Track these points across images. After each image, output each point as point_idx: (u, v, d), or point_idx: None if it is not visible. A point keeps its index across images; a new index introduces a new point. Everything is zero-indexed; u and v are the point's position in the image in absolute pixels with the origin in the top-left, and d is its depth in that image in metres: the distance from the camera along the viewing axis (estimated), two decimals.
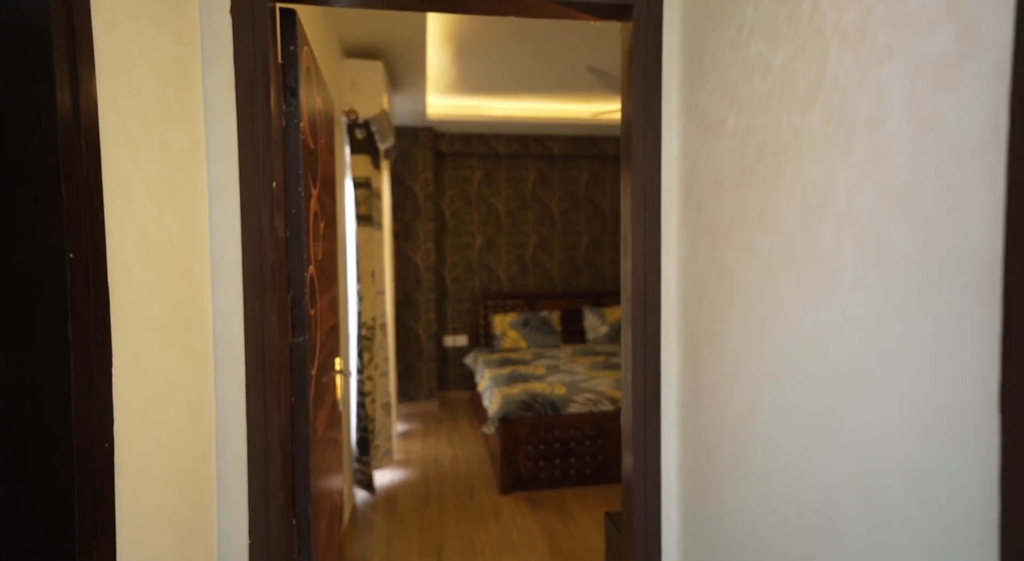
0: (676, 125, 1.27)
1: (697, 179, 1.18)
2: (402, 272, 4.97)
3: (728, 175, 1.05)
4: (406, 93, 3.95)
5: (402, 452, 4.00)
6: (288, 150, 1.28)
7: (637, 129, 1.27)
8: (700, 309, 1.18)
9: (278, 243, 1.20)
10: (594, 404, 3.47)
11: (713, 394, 1.13)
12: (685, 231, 1.24)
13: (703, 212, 1.16)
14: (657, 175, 1.28)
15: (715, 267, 1.11)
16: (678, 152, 1.27)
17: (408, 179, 4.95)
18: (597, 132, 5.14)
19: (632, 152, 1.27)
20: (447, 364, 5.35)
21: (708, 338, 1.15)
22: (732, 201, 1.04)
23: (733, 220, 1.04)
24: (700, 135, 1.16)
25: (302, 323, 1.33)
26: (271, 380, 1.18)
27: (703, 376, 1.17)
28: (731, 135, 1.04)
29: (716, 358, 1.11)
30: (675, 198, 1.28)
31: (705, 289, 1.16)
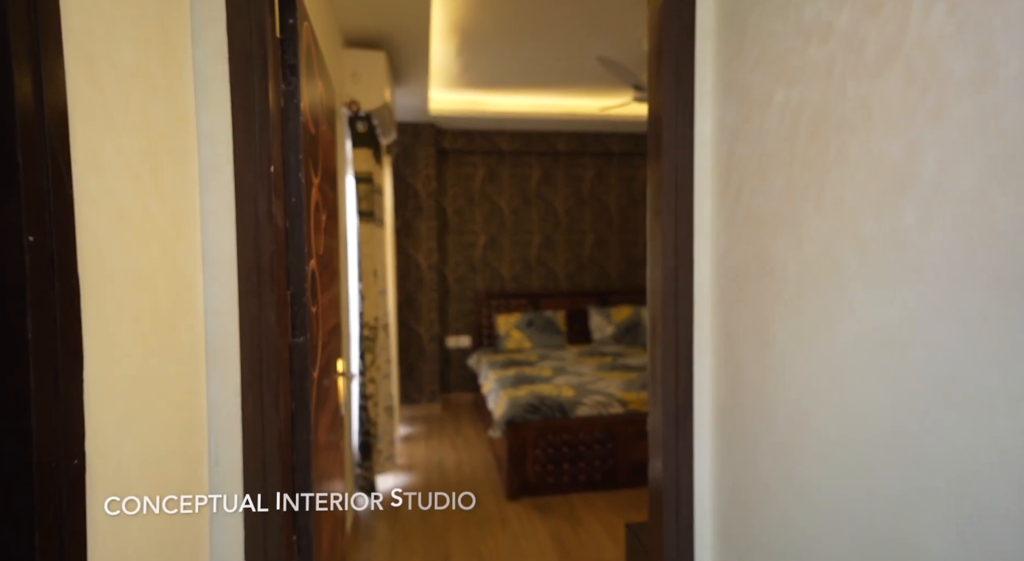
0: (710, 105, 1.17)
1: (736, 162, 1.08)
2: (404, 271, 4.86)
3: (775, 156, 0.95)
4: (408, 87, 3.85)
5: (405, 456, 3.90)
6: (287, 133, 1.18)
7: (667, 109, 1.16)
8: (739, 305, 1.08)
9: (277, 234, 1.10)
10: (603, 406, 3.36)
11: (756, 398, 1.03)
12: (721, 220, 1.14)
13: (743, 198, 1.05)
14: (689, 160, 1.18)
15: (758, 259, 1.01)
16: (712, 134, 1.16)
17: (410, 176, 4.85)
18: (603, 128, 5.04)
19: (662, 135, 1.17)
20: (450, 366, 5.24)
21: (749, 337, 1.04)
22: (779, 185, 0.94)
23: (781, 206, 0.94)
24: (740, 114, 1.06)
25: (303, 322, 1.23)
26: (269, 384, 1.08)
27: (743, 378, 1.07)
28: (779, 111, 0.94)
29: (759, 358, 1.01)
30: (709, 184, 1.18)
31: (745, 283, 1.05)
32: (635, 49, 3.41)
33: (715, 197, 1.16)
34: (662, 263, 1.19)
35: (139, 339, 0.77)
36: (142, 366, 0.78)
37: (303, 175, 1.21)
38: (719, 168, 1.14)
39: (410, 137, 4.82)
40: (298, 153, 1.19)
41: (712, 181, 1.17)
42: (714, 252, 1.17)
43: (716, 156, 1.15)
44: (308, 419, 1.23)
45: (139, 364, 0.77)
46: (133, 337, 0.76)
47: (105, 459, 0.69)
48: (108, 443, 0.69)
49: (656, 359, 1.24)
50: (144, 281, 0.80)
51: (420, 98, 4.13)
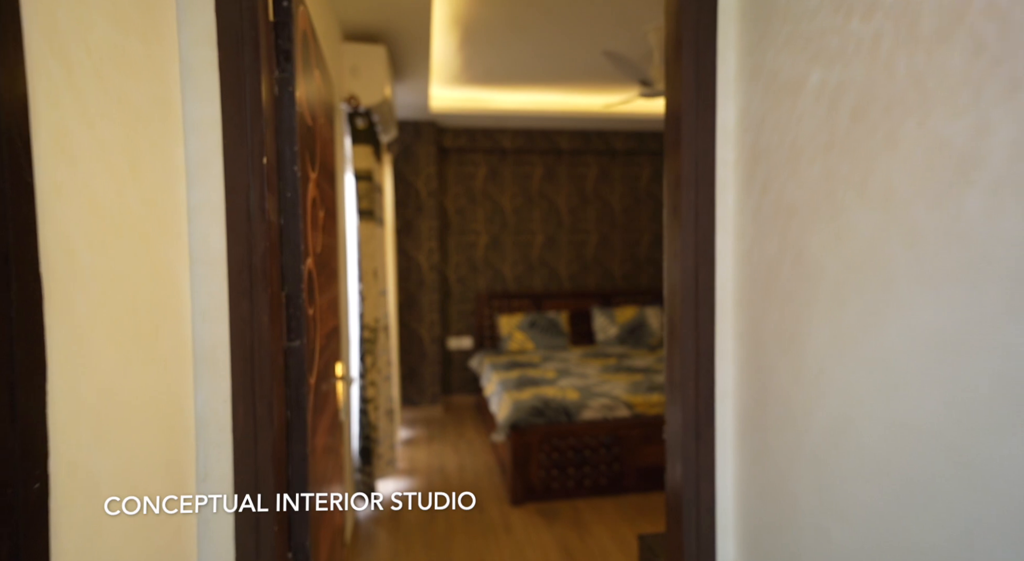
0: (733, 92, 1.09)
1: (763, 151, 1.00)
2: (404, 272, 4.79)
3: (809, 144, 0.88)
4: (409, 83, 3.77)
5: (406, 460, 3.82)
6: (281, 123, 1.10)
7: (687, 97, 1.09)
8: (767, 305, 1.00)
9: (270, 230, 1.02)
10: (609, 410, 3.29)
11: (785, 406, 0.95)
12: (745, 215, 1.06)
13: (772, 190, 0.98)
14: (711, 150, 1.10)
15: (789, 255, 0.93)
16: (736, 123, 1.09)
17: (410, 175, 4.77)
18: (606, 126, 4.97)
19: (681, 125, 1.10)
20: (451, 367, 5.17)
21: (778, 339, 0.97)
22: (815, 174, 0.87)
23: (817, 197, 0.86)
24: (768, 99, 0.99)
25: (299, 325, 1.15)
26: (262, 391, 1.00)
27: (770, 384, 0.99)
28: (814, 95, 0.86)
29: (790, 363, 0.94)
30: (731, 177, 1.11)
31: (774, 281, 0.98)
32: (641, 43, 3.34)
33: (738, 190, 1.09)
34: (681, 262, 1.12)
35: (115, 345, 0.70)
36: (119, 375, 0.71)
37: (299, 169, 1.13)
38: (743, 159, 1.07)
39: (411, 135, 4.75)
40: (293, 145, 1.12)
41: (735, 173, 1.10)
42: (737, 249, 1.10)
43: (740, 147, 1.08)
44: (304, 428, 1.15)
45: (116, 373, 0.70)
46: (108, 343, 0.68)
47: (74, 481, 0.61)
48: (77, 462, 0.62)
49: (674, 364, 1.16)
50: (122, 281, 0.72)
51: (421, 95, 4.06)
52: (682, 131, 1.10)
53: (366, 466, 2.98)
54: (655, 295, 5.37)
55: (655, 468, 3.29)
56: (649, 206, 5.36)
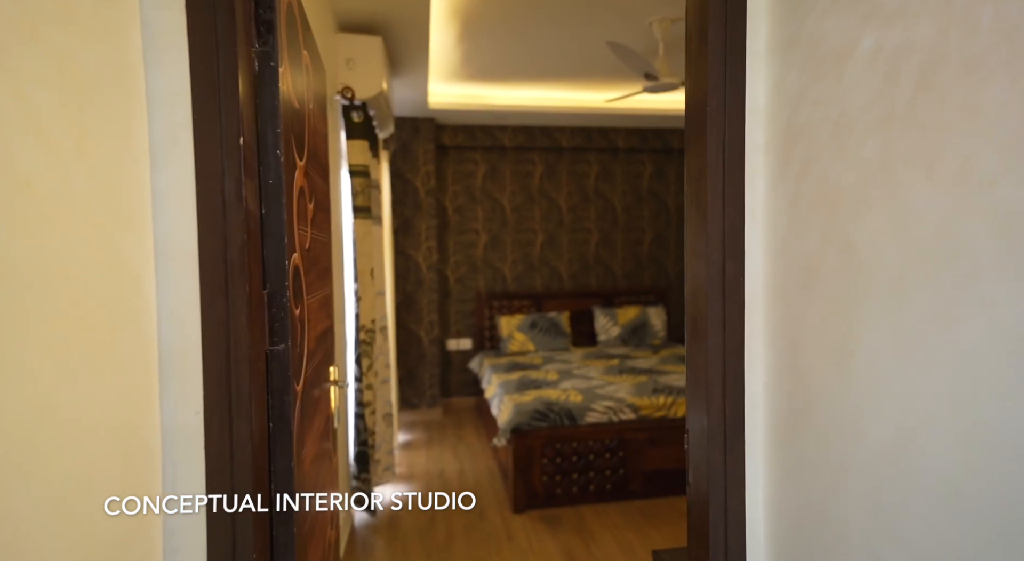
0: (764, 66, 0.99)
1: (801, 131, 0.90)
2: (402, 271, 4.68)
3: (861, 118, 0.77)
4: (406, 78, 3.66)
5: (404, 466, 3.71)
6: (263, 101, 0.99)
7: (714, 73, 0.98)
8: (806, 303, 0.89)
9: (249, 220, 0.91)
10: (614, 413, 3.18)
11: (830, 415, 0.84)
12: (780, 201, 0.96)
13: (812, 173, 0.87)
14: (740, 131, 0.99)
15: (834, 245, 0.83)
16: (767, 100, 0.98)
17: (408, 173, 4.66)
18: (608, 123, 4.86)
19: (707, 105, 0.99)
20: (450, 369, 5.05)
21: (820, 341, 0.86)
22: (868, 153, 0.76)
23: (870, 178, 0.76)
24: (808, 71, 0.88)
25: (283, 326, 1.04)
26: (240, 401, 0.89)
27: (812, 391, 0.88)
28: (867, 62, 0.76)
29: (836, 367, 0.83)
30: (762, 161, 1.00)
31: (815, 276, 0.87)
32: (646, 36, 3.24)
33: (770, 176, 0.98)
34: (707, 256, 1.01)
35: (54, 352, 0.59)
36: (59, 387, 0.60)
37: (282, 153, 1.02)
38: (776, 141, 0.96)
39: (408, 132, 4.64)
40: (276, 127, 1.01)
41: (766, 157, 0.99)
42: (769, 241, 0.99)
43: (772, 127, 0.97)
44: (290, 441, 1.04)
45: (54, 384, 0.59)
46: (43, 350, 0.57)
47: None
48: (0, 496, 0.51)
49: (698, 367, 1.05)
50: (66, 277, 0.61)
51: (419, 91, 3.95)
52: (709, 111, 0.99)
53: (363, 473, 2.87)
54: (657, 294, 5.27)
55: (661, 473, 3.18)
56: (651, 205, 5.26)
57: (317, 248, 1.46)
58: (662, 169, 5.26)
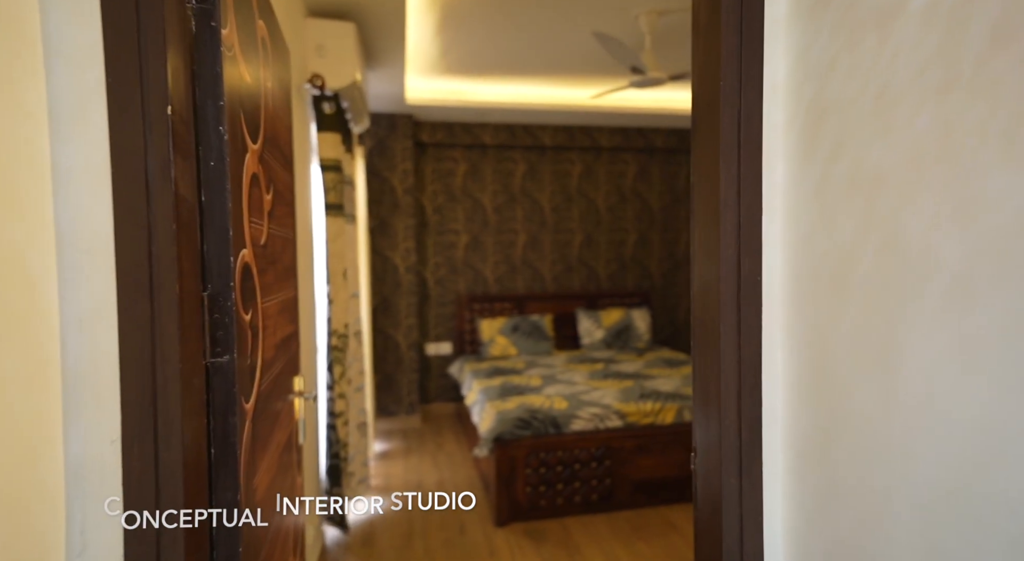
0: (785, 34, 0.87)
1: (832, 107, 0.78)
2: (379, 273, 4.50)
3: (912, 87, 0.65)
4: (382, 70, 3.50)
5: (380, 477, 3.53)
6: (202, 68, 0.84)
7: (728, 43, 0.86)
8: (837, 306, 0.77)
9: (181, 207, 0.76)
10: (600, 420, 3.06)
11: (869, 436, 0.72)
12: (804, 189, 0.84)
13: (846, 155, 0.75)
14: (758, 109, 0.87)
15: (875, 238, 0.71)
16: (788, 74, 0.86)
17: (385, 171, 4.49)
18: (591, 121, 4.76)
19: (721, 78, 0.86)
20: (429, 374, 4.89)
21: (856, 349, 0.74)
22: (923, 128, 0.64)
23: (925, 159, 0.64)
24: (840, 37, 0.76)
25: (228, 334, 0.88)
26: (169, 425, 0.74)
27: (845, 408, 0.76)
28: (920, 19, 0.64)
29: (878, 382, 0.71)
30: (781, 143, 0.88)
31: (849, 275, 0.75)
32: (631, 29, 3.13)
33: (792, 160, 0.86)
34: (719, 253, 0.88)
35: None
36: None
37: (227, 132, 0.87)
38: (799, 120, 0.84)
39: (385, 129, 4.47)
40: (218, 98, 0.85)
41: (787, 139, 0.87)
42: (790, 235, 0.87)
43: (794, 104, 0.85)
44: (235, 469, 0.88)
45: None
46: None
47: None
48: None
49: (708, 379, 0.93)
50: None
51: (396, 84, 3.79)
52: (723, 87, 0.86)
53: (335, 487, 2.69)
54: (641, 296, 5.18)
55: (649, 482, 3.07)
56: (635, 205, 5.17)
57: (276, 245, 1.30)
58: (645, 169, 5.18)
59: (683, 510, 3.03)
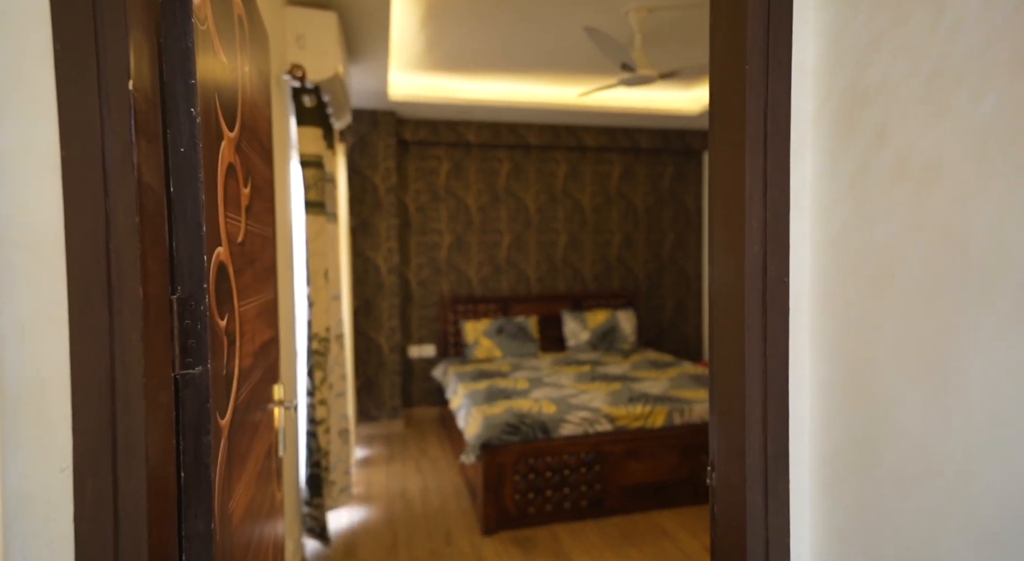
0: (815, 13, 0.80)
1: (873, 91, 0.71)
2: (361, 274, 4.38)
3: (976, 65, 0.59)
4: (365, 65, 3.39)
5: (362, 484, 3.41)
6: (170, 40, 0.74)
7: (754, 23, 0.79)
8: (879, 310, 0.71)
9: (145, 198, 0.66)
10: (590, 424, 2.99)
11: (918, 452, 0.66)
12: (838, 183, 0.77)
13: (891, 145, 0.69)
14: (786, 96, 0.81)
15: (926, 236, 0.64)
16: (819, 57, 0.80)
17: (367, 169, 4.37)
18: (577, 120, 4.71)
19: (748, 64, 0.80)
20: (412, 377, 4.78)
21: (903, 357, 0.68)
22: (989, 111, 0.58)
23: (991, 144, 0.57)
24: (883, 14, 0.70)
25: (201, 342, 0.78)
26: (130, 449, 0.64)
27: (889, 422, 0.70)
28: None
29: (929, 395, 0.64)
30: (810, 132, 0.81)
31: (894, 276, 0.69)
32: (621, 25, 3.08)
33: (824, 151, 0.80)
34: (743, 252, 0.82)
35: None
36: None
37: (199, 114, 0.77)
38: (832, 106, 0.78)
39: (367, 126, 4.34)
40: (189, 76, 0.75)
41: (817, 128, 0.81)
42: (822, 232, 0.80)
43: (826, 90, 0.79)
44: (209, 494, 0.78)
45: None
46: None
47: None
48: None
49: (730, 390, 0.86)
50: None
51: (379, 80, 3.67)
52: (749, 72, 0.79)
53: (315, 498, 2.57)
54: (626, 298, 5.14)
55: (640, 487, 3.01)
56: (620, 206, 5.13)
57: (255, 243, 1.20)
58: (630, 169, 5.15)
59: (673, 515, 2.98)
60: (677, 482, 3.06)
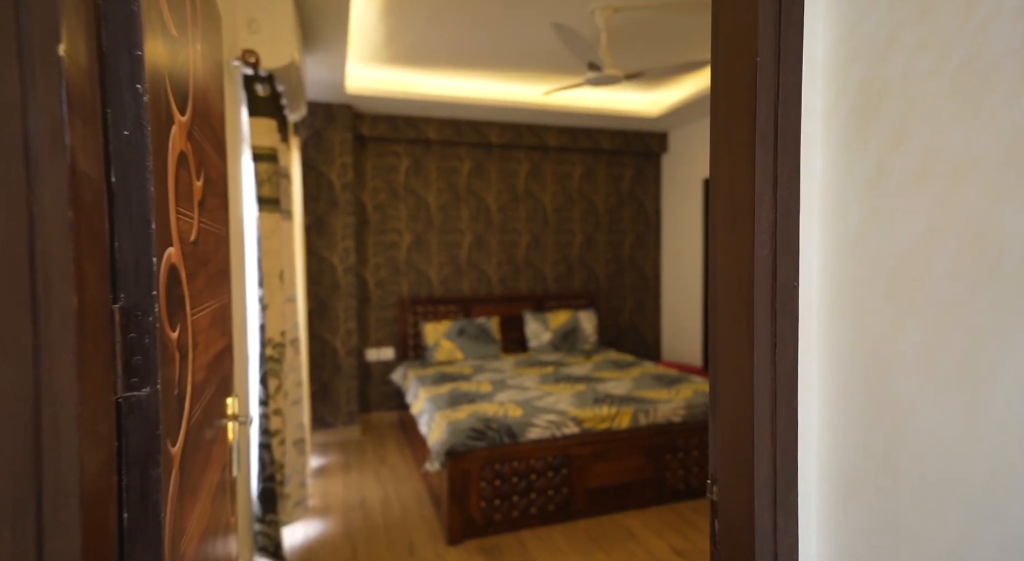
0: (826, 7, 0.77)
1: (893, 87, 0.68)
2: (315, 275, 4.19)
3: (1015, 59, 0.56)
4: (321, 55, 3.23)
5: (318, 496, 3.25)
6: (111, 2, 0.62)
7: (765, 11, 0.75)
8: (899, 315, 0.68)
9: (81, 187, 0.55)
10: (557, 427, 2.95)
11: (939, 462, 0.63)
12: (852, 182, 0.74)
13: (913, 143, 0.66)
14: (796, 90, 0.77)
15: (954, 238, 0.61)
16: (831, 51, 0.76)
17: (322, 164, 4.18)
18: (539, 120, 4.67)
19: (759, 54, 0.75)
20: (370, 382, 4.62)
21: (928, 364, 0.65)
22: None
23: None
24: (903, 6, 0.66)
25: (149, 358, 0.67)
26: (59, 492, 0.53)
27: (907, 429, 0.67)
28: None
29: (956, 405, 0.61)
30: (820, 129, 0.78)
31: (917, 280, 0.66)
32: (587, 24, 3.05)
33: (837, 149, 0.76)
34: (755, 254, 0.77)
35: None
36: None
37: (146, 90, 0.66)
38: (847, 103, 0.74)
39: (322, 120, 4.16)
40: (134, 47, 0.64)
41: (828, 125, 0.77)
42: (833, 233, 0.77)
43: (839, 85, 0.75)
44: (158, 537, 0.67)
45: None
46: None
47: None
48: None
49: (735, 399, 0.82)
50: None
51: (335, 72, 3.51)
52: (760, 63, 0.75)
53: (268, 514, 2.41)
54: (588, 298, 5.15)
55: (606, 489, 2.99)
56: (581, 206, 5.13)
57: (209, 242, 1.07)
58: (592, 170, 5.15)
59: (639, 515, 2.98)
60: (642, 483, 3.06)
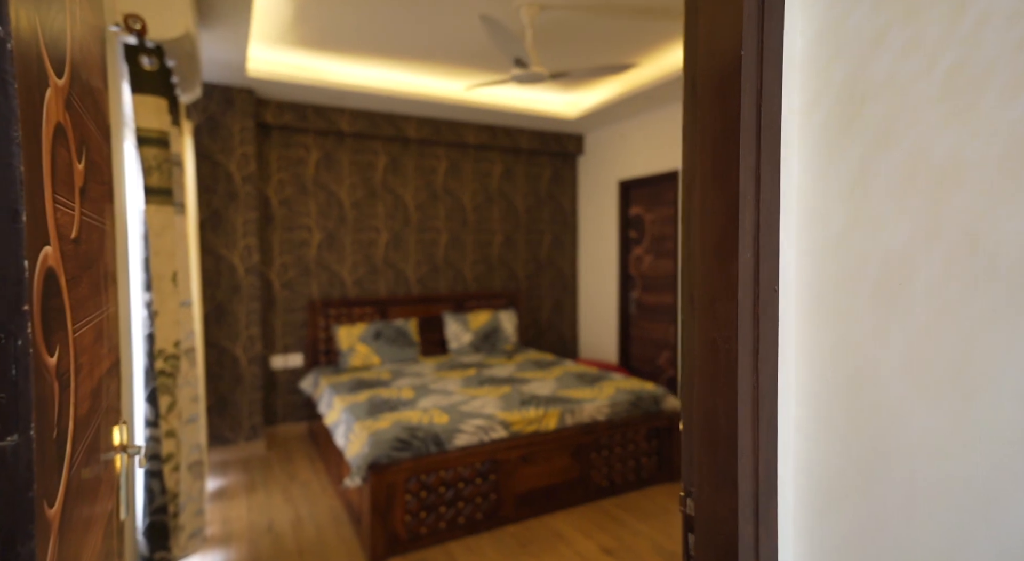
0: (802, 3, 0.75)
1: (876, 88, 0.67)
2: (212, 276, 3.79)
3: (1009, 62, 0.56)
4: (219, 31, 2.90)
5: (218, 523, 2.93)
6: None
7: (749, 6, 0.71)
8: (883, 320, 0.67)
9: None
10: (485, 432, 2.87)
11: (929, 471, 0.62)
12: (837, 183, 0.72)
13: (900, 146, 0.65)
14: (777, 89, 0.74)
15: (944, 241, 0.61)
16: (810, 49, 0.75)
17: (218, 153, 3.79)
18: (459, 116, 4.55)
19: (743, 49, 0.72)
20: (275, 391, 4.27)
21: (917, 370, 0.64)
22: (1023, 110, 0.54)
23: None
24: (890, 5, 0.65)
25: (19, 397, 0.50)
26: None
27: (894, 437, 0.66)
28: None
29: (950, 406, 0.61)
30: (798, 130, 0.76)
31: (902, 285, 0.65)
32: (512, 21, 2.99)
33: (817, 150, 0.75)
34: (739, 257, 0.74)
35: None
36: None
37: (10, 35, 0.49)
38: (827, 103, 0.73)
39: (219, 104, 3.76)
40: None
41: (807, 125, 0.75)
42: (812, 236, 0.75)
43: (820, 85, 0.74)
44: None
45: None
46: None
47: None
48: None
49: (715, 409, 0.78)
50: None
51: (235, 51, 3.18)
52: (744, 58, 0.72)
53: (158, 551, 2.11)
54: (508, 298, 5.12)
55: (533, 492, 2.96)
56: (501, 205, 5.09)
57: (92, 239, 0.87)
58: (511, 169, 5.13)
59: (566, 516, 2.98)
60: (569, 483, 3.07)
